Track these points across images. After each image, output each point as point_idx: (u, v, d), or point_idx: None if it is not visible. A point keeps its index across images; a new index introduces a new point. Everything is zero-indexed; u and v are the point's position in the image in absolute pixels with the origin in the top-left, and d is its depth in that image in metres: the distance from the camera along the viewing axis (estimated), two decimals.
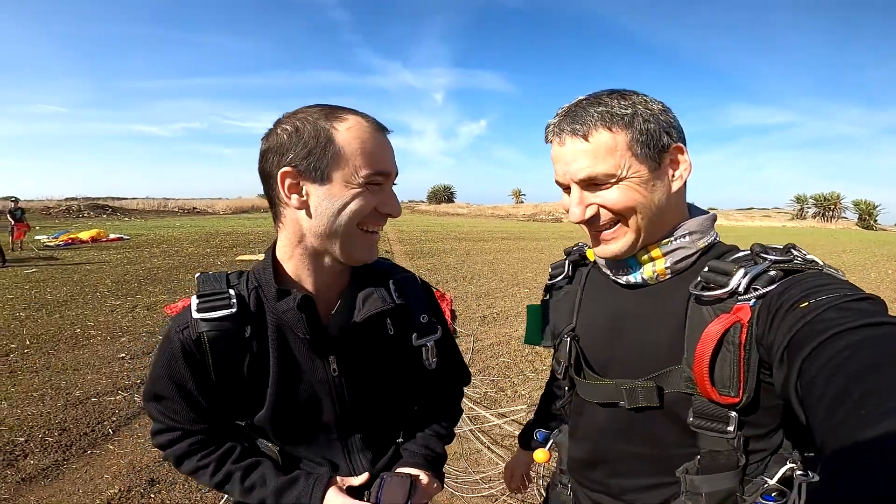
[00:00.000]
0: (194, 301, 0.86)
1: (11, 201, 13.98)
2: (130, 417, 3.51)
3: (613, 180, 0.77)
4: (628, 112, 0.75)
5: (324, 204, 0.81)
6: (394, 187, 0.89)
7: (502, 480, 2.79)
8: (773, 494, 0.76)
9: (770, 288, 0.69)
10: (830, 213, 54.45)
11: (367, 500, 0.91)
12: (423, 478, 0.99)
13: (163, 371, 0.88)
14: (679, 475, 0.81)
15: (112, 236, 16.87)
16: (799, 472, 0.75)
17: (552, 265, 1.08)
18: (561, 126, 0.79)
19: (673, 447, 0.81)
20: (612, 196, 0.78)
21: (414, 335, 0.98)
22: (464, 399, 1.24)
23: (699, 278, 0.76)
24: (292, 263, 0.89)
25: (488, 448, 3.14)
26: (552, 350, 1.05)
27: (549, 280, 1.07)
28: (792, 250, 0.74)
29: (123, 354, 4.82)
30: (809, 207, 57.38)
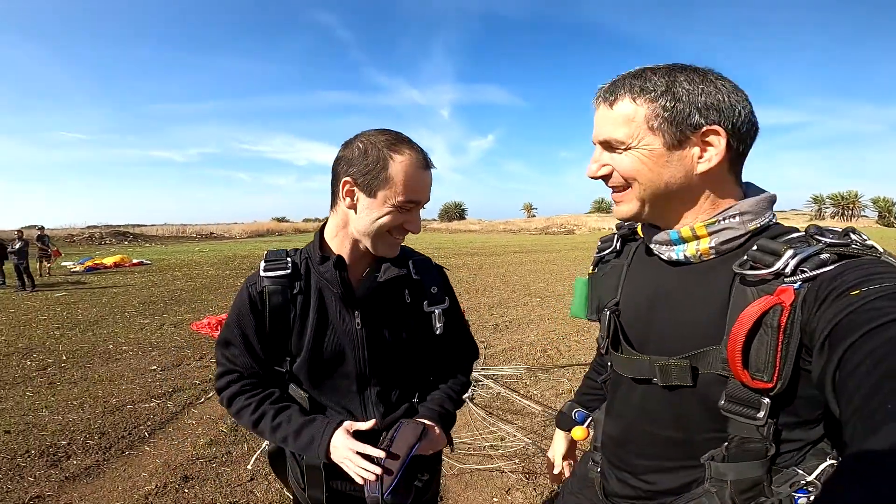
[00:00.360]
0: (262, 265, 1.12)
1: (38, 229, 14.57)
2: (164, 422, 3.73)
3: (623, 147, 0.79)
4: (659, 88, 0.76)
5: (366, 211, 1.05)
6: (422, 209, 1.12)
7: (509, 454, 2.89)
8: (809, 489, 0.73)
9: (819, 271, 0.65)
10: (850, 212, 53.40)
11: (382, 442, 1.04)
12: (436, 429, 1.14)
13: (233, 319, 1.12)
14: (704, 461, 0.80)
15: (134, 261, 17.44)
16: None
17: (601, 238, 1.09)
18: (599, 94, 0.83)
19: (702, 431, 0.80)
20: (620, 162, 0.80)
21: (425, 302, 1.19)
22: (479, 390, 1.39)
23: (745, 257, 0.73)
24: (336, 241, 1.13)
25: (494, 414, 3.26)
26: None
27: (597, 253, 1.08)
28: (850, 234, 0.70)
29: (155, 367, 5.09)
30: (827, 207, 56.39)
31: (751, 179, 0.85)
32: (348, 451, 1.02)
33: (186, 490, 2.78)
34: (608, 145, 0.81)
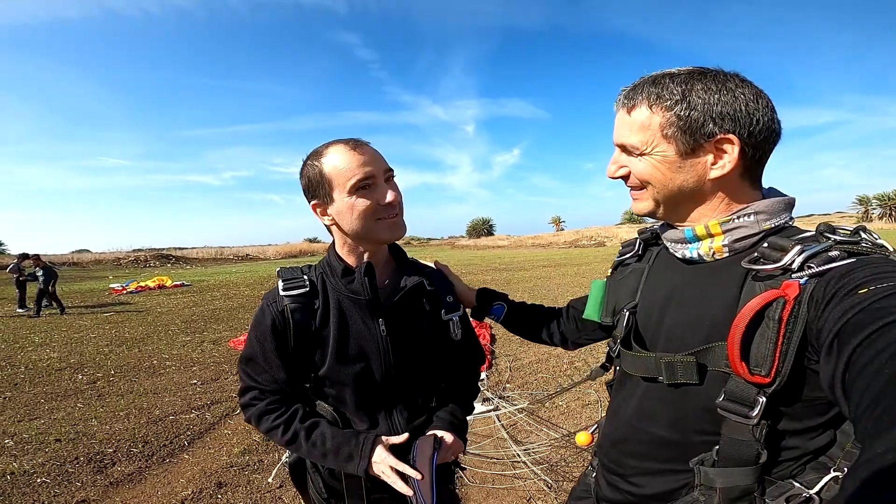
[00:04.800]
0: (280, 284, 1.16)
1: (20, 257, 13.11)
2: (203, 432, 3.92)
3: (637, 153, 0.82)
4: (675, 98, 0.77)
5: (342, 215, 1.08)
6: (396, 182, 1.12)
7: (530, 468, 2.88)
8: None
9: (827, 266, 0.65)
10: None
11: (408, 460, 1.09)
12: (448, 437, 1.17)
13: (254, 338, 1.14)
14: (693, 466, 0.78)
15: (176, 283, 18.29)
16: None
17: (623, 243, 1.10)
18: (619, 98, 0.87)
19: (697, 433, 0.80)
20: (635, 165, 0.84)
21: (443, 311, 1.24)
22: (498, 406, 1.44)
23: (756, 254, 0.74)
24: (348, 255, 1.17)
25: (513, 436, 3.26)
26: (604, 330, 1.10)
27: (619, 257, 1.08)
28: (861, 232, 0.70)
29: (195, 381, 5.36)
30: (874, 209, 53.44)
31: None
32: (387, 468, 1.06)
33: (220, 496, 2.92)
34: (625, 149, 0.86)
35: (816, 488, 0.71)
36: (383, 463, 1.07)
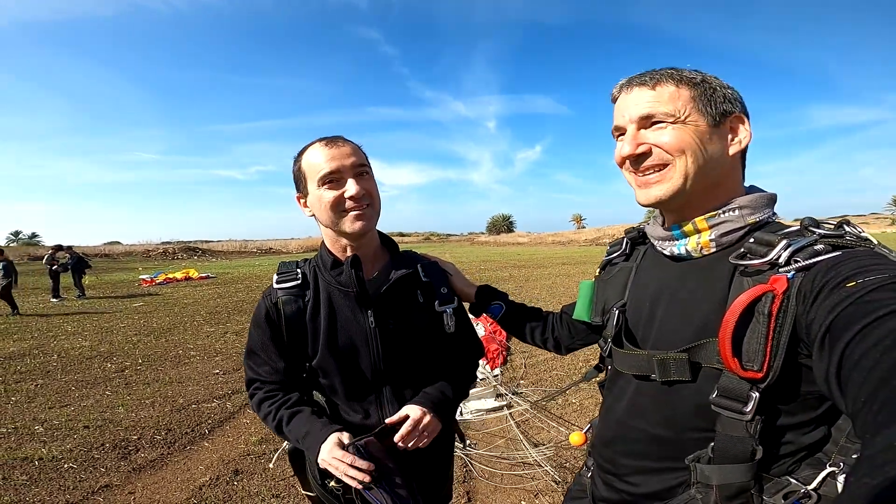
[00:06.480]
0: (275, 277, 1.22)
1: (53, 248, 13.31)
2: (223, 421, 4.04)
3: (671, 120, 0.80)
4: (697, 78, 0.82)
5: (312, 206, 1.16)
6: (365, 178, 1.15)
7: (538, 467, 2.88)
8: (803, 500, 0.70)
9: (812, 261, 0.66)
10: None
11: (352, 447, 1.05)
12: (416, 413, 1.12)
13: (253, 331, 1.21)
14: (689, 463, 0.78)
15: (202, 275, 18.81)
16: (839, 479, 0.69)
17: (610, 243, 1.11)
18: (630, 81, 0.86)
19: (690, 430, 0.79)
20: (667, 135, 0.80)
21: (436, 302, 1.24)
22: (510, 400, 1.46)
23: (742, 249, 0.75)
24: (331, 246, 1.22)
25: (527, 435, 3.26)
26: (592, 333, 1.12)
27: (606, 256, 1.09)
28: (845, 226, 0.71)
29: (218, 371, 5.53)
30: None
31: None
32: (332, 459, 1.05)
33: (236, 483, 3.01)
34: (648, 121, 0.83)
35: (813, 484, 0.71)
36: (329, 456, 1.06)
